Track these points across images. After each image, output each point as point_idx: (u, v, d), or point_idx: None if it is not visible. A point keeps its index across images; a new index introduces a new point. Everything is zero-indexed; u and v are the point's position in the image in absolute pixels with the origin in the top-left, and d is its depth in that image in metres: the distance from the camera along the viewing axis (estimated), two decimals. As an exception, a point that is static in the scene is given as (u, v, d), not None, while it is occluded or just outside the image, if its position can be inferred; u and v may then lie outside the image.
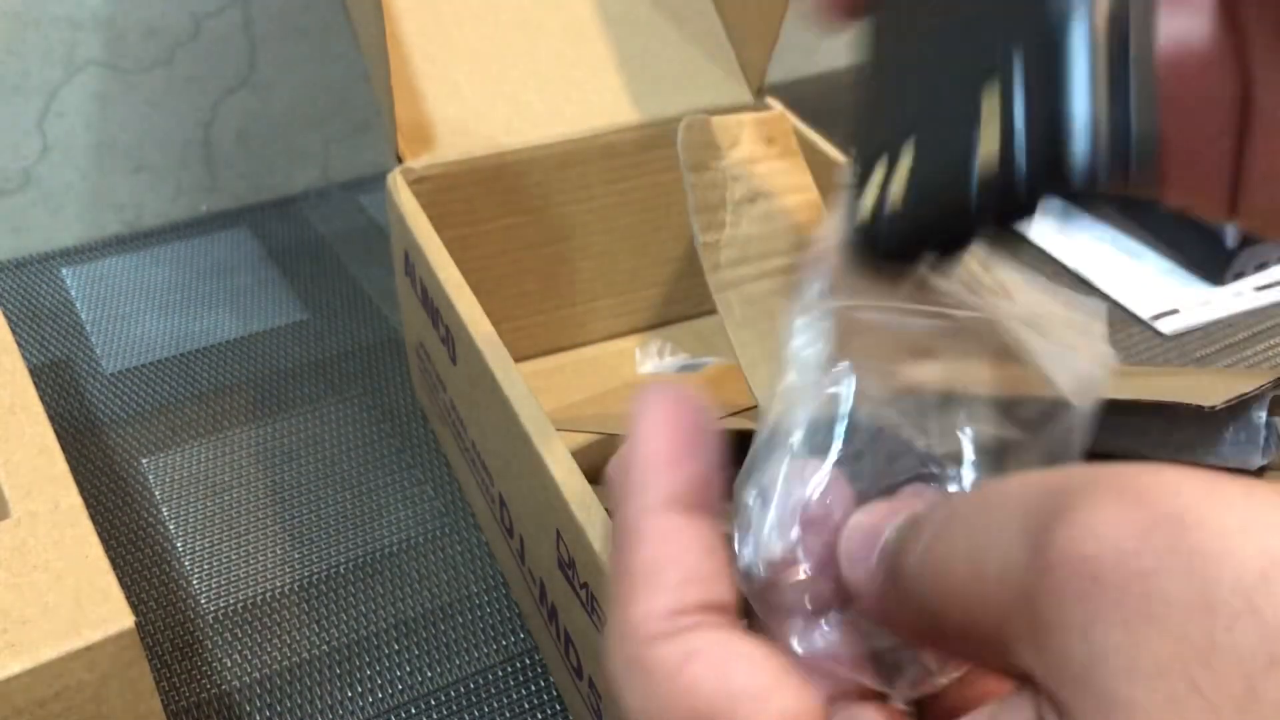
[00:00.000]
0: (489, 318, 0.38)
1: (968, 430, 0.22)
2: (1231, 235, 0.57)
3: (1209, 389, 0.30)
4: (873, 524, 0.20)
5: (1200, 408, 0.29)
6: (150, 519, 0.46)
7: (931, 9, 0.22)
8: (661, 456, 0.20)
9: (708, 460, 0.20)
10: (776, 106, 0.50)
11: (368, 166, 0.69)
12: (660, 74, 0.50)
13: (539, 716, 0.39)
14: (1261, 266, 0.59)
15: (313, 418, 0.51)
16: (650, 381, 0.48)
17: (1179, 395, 0.30)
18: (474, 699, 0.40)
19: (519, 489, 0.37)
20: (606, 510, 0.31)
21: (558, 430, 0.34)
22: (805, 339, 0.22)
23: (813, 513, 0.20)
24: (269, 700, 0.39)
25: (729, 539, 0.20)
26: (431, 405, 0.48)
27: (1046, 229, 0.61)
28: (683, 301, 0.55)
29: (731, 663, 0.18)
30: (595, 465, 0.45)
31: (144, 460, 0.48)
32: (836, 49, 0.83)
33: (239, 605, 0.43)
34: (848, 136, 0.23)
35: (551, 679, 0.40)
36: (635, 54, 0.50)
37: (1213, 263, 0.58)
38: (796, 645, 0.20)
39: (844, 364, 0.22)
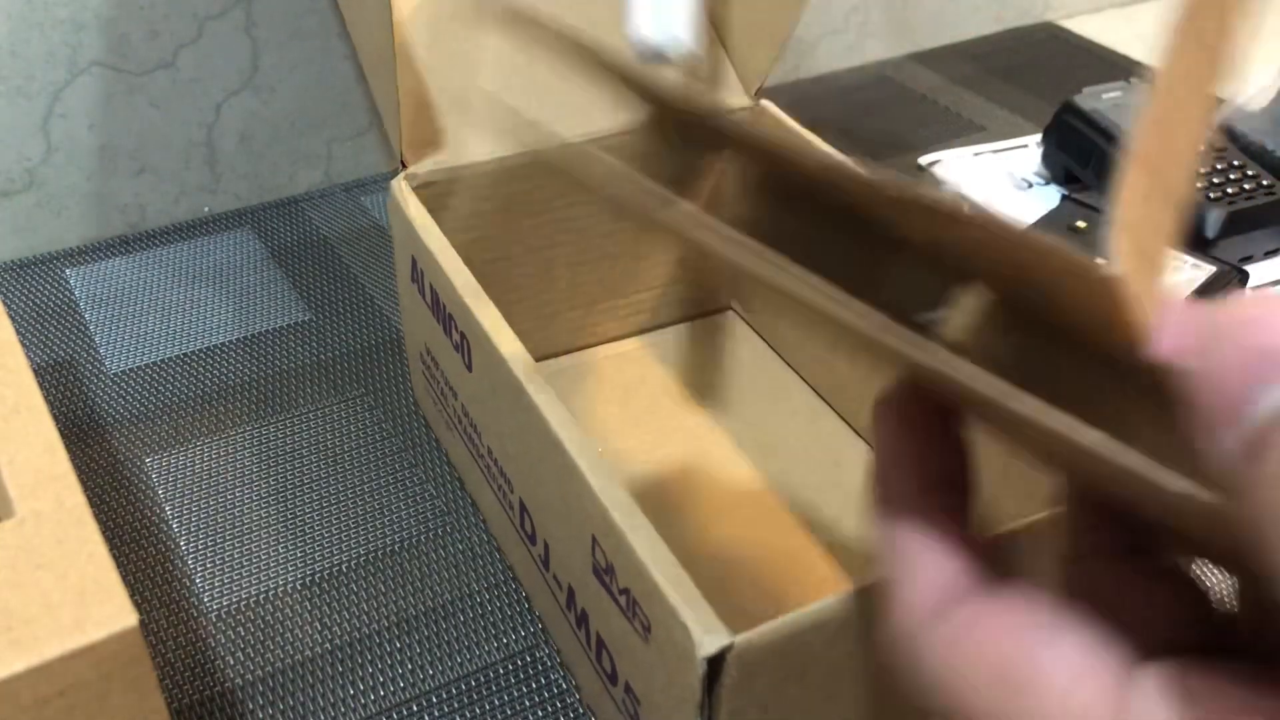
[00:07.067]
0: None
1: None
2: (1212, 225, 0.57)
3: None
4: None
5: None
6: (153, 518, 0.46)
7: None
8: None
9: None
10: (772, 108, 0.50)
11: (370, 168, 0.69)
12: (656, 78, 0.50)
13: (540, 713, 0.39)
14: (1245, 259, 0.59)
15: (315, 417, 0.51)
16: None
17: None
18: (475, 696, 0.40)
19: (546, 496, 0.36)
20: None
21: None
22: None
23: None
24: (271, 698, 0.40)
25: None
26: (436, 412, 0.48)
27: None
28: (682, 303, 0.56)
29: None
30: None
31: (147, 459, 0.49)
32: (836, 50, 0.83)
33: (242, 603, 0.43)
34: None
35: (552, 676, 0.41)
36: (631, 59, 0.51)
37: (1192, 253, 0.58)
38: None
39: None
